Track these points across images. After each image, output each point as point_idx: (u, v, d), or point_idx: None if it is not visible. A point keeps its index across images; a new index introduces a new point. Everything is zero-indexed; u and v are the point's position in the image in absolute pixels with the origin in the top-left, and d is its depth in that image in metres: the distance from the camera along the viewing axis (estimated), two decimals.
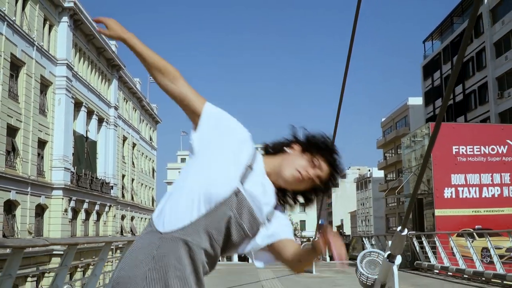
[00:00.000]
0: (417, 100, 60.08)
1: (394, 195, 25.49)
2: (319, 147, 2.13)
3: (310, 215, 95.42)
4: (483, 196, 17.64)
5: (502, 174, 17.82)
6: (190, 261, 1.91)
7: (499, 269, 11.61)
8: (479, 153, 17.85)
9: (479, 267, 12.53)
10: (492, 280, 11.81)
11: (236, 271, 18.02)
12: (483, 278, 12.16)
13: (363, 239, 24.97)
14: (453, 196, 17.44)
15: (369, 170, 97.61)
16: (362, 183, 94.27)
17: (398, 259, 6.76)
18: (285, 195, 2.17)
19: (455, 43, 48.63)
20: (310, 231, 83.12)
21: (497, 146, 17.86)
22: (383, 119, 71.99)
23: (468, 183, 17.61)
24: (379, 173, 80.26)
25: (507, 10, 40.23)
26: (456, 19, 49.80)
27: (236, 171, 1.97)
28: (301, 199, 2.22)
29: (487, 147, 17.86)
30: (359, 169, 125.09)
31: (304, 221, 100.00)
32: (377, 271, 7.67)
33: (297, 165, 2.08)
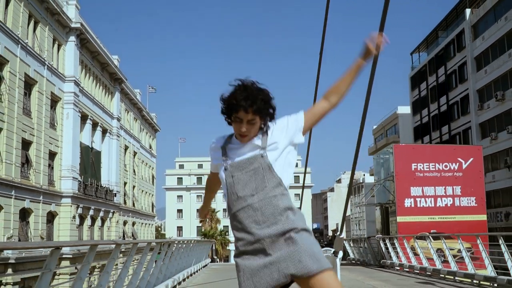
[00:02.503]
0: (406, 109, 62.43)
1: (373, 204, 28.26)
2: (228, 109, 2.85)
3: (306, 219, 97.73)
4: (437, 205, 20.53)
5: (454, 187, 20.76)
6: None
7: (438, 265, 14.44)
8: (434, 169, 20.77)
9: (425, 263, 15.34)
10: (432, 273, 14.68)
11: (230, 269, 20.42)
12: (428, 273, 14.95)
13: (344, 241, 27.93)
14: (412, 205, 20.35)
15: (364, 175, 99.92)
16: (355, 188, 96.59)
17: (340, 254, 9.59)
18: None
19: (440, 56, 51.26)
20: None
21: (450, 164, 20.72)
22: (374, 127, 74.34)
23: (425, 194, 20.55)
24: (371, 179, 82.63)
25: (487, 26, 42.80)
26: (441, 33, 52.40)
27: None
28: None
29: (441, 164, 20.73)
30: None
31: None
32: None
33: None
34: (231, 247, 75.28)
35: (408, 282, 13.44)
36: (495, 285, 12.11)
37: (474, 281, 12.73)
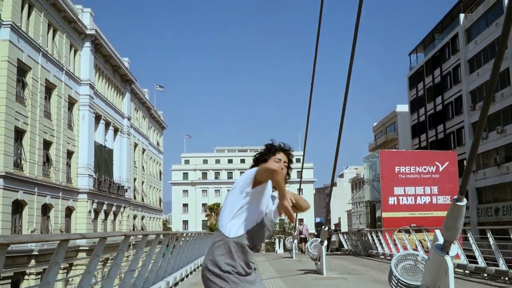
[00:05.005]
0: (404, 107, 64.47)
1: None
2: (275, 149, 3.65)
3: (308, 214, 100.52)
4: (417, 203, 23.31)
5: (431, 187, 23.56)
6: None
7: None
8: (414, 171, 23.55)
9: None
10: None
11: None
12: None
13: (339, 234, 30.63)
14: (395, 203, 23.18)
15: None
16: (357, 183, 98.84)
17: (325, 243, 12.09)
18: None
19: (436, 57, 53.46)
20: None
21: (428, 167, 23.45)
22: (374, 124, 76.41)
23: (406, 193, 23.40)
24: None
25: (480, 31, 44.96)
26: (437, 35, 54.57)
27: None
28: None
29: (420, 167, 23.45)
30: (356, 169, 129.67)
31: (302, 219, 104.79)
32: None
33: (271, 165, 3.46)
34: None
35: (384, 266, 15.86)
36: (466, 272, 14.44)
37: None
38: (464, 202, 4.24)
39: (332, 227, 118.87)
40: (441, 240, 4.64)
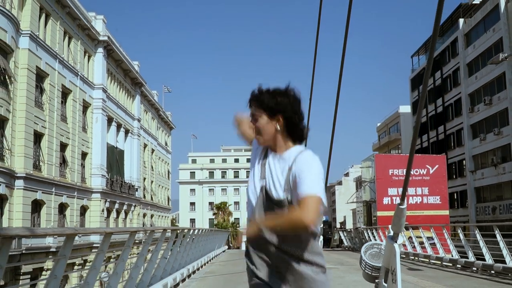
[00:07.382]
0: (407, 108, 65.84)
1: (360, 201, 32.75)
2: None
3: None
4: (409, 202, 25.13)
5: (422, 188, 25.46)
6: None
7: (410, 249, 18.77)
8: None
9: None
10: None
11: (242, 252, 24.76)
12: None
13: (339, 232, 32.51)
14: (389, 203, 25.08)
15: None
16: (361, 182, 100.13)
17: (321, 238, 13.76)
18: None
19: (437, 60, 54.92)
20: None
21: (420, 169, 25.32)
22: (378, 124, 77.80)
23: (399, 194, 24.94)
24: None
25: (478, 36, 46.47)
26: (437, 39, 55.95)
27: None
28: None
29: (412, 170, 25.00)
30: (361, 168, 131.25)
31: None
32: None
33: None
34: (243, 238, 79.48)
35: None
36: (444, 263, 16.12)
37: (431, 261, 16.83)
38: (404, 205, 5.91)
39: (338, 225, 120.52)
40: (392, 232, 6.37)
